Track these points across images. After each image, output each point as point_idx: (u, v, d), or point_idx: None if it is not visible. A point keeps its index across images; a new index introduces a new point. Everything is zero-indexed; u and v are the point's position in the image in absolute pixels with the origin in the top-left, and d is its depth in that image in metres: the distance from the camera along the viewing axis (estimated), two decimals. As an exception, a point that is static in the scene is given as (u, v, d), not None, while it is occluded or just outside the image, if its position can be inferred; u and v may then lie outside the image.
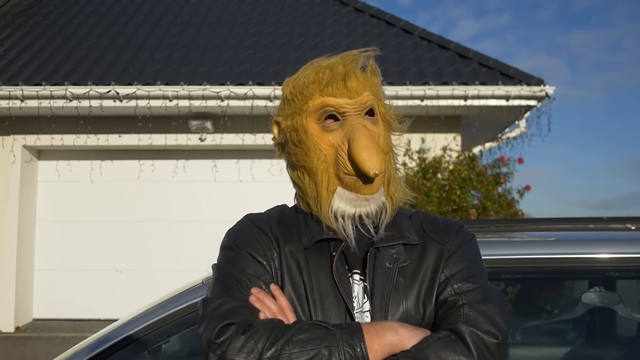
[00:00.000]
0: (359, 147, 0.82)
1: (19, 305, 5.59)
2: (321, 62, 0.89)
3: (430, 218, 0.94)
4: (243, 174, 5.86)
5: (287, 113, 0.90)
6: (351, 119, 0.86)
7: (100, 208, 5.91)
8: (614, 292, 1.73)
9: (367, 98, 0.87)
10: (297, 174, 0.89)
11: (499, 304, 0.82)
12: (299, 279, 0.85)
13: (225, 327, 0.76)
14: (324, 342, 0.74)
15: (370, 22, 6.74)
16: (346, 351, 0.74)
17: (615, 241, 1.41)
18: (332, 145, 0.86)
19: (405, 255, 0.86)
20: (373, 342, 0.75)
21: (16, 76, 5.49)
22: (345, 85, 0.86)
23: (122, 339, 1.33)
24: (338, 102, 0.86)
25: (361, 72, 0.89)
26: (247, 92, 5.21)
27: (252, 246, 0.87)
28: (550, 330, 2.08)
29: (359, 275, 0.86)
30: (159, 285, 4.92)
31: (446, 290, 0.84)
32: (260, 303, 0.81)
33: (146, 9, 7.23)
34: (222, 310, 0.79)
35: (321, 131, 0.86)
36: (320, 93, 0.86)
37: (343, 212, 0.85)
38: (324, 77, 0.86)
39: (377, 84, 0.91)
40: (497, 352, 0.77)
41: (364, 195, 0.85)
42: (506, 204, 4.71)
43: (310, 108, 0.87)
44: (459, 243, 0.89)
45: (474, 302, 0.81)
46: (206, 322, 0.78)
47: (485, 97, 5.22)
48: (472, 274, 0.85)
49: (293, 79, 0.91)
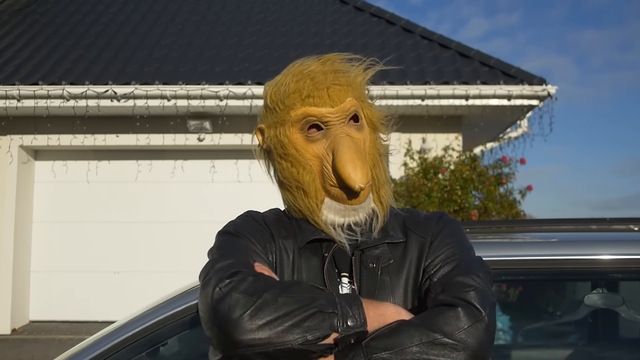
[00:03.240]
0: (344, 160, 0.82)
1: (15, 306, 5.56)
2: (302, 67, 0.88)
3: (412, 214, 0.95)
4: (242, 174, 5.84)
5: (270, 122, 0.90)
6: (335, 128, 0.85)
7: (98, 209, 5.88)
8: (616, 294, 1.71)
9: (350, 104, 0.86)
10: (286, 189, 0.89)
11: (473, 265, 0.82)
12: (290, 277, 0.85)
13: (235, 273, 0.76)
14: (323, 298, 0.75)
15: (370, 21, 6.72)
16: (344, 306, 0.74)
17: (618, 242, 1.40)
18: (317, 156, 0.86)
19: (389, 254, 0.87)
20: (369, 311, 0.76)
21: (13, 75, 5.46)
22: (327, 94, 0.85)
23: (119, 341, 1.31)
24: (320, 112, 0.85)
25: (343, 75, 0.87)
26: (246, 91, 5.19)
27: (253, 235, 0.87)
28: (552, 332, 2.06)
29: (347, 279, 0.86)
30: (157, 287, 4.90)
31: (428, 280, 0.84)
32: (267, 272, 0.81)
33: (144, 7, 7.21)
34: (230, 263, 0.79)
35: (305, 142, 0.86)
36: (302, 103, 0.85)
37: (333, 222, 0.85)
38: (305, 86, 0.85)
39: (360, 86, 0.89)
40: (480, 300, 0.76)
41: (352, 206, 0.85)
42: (508, 205, 4.70)
43: (292, 118, 0.86)
44: (438, 230, 0.89)
45: (451, 274, 0.81)
46: (213, 273, 0.78)
47: (486, 96, 5.20)
48: (452, 254, 0.86)
49: (274, 83, 0.90)
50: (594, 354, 1.88)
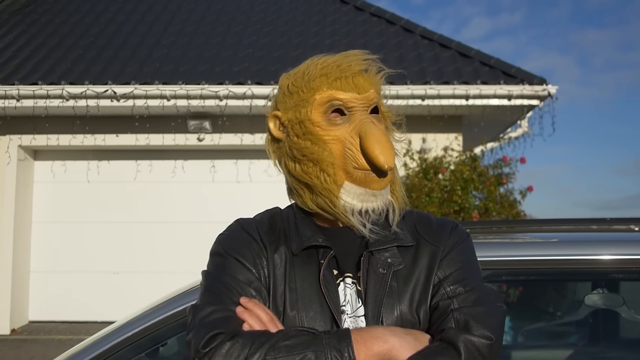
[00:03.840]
0: (373, 139, 0.82)
1: (14, 307, 5.55)
2: (325, 57, 0.89)
3: (423, 218, 0.93)
4: (241, 174, 5.84)
5: (289, 105, 0.88)
6: (359, 114, 0.86)
7: (97, 209, 5.87)
8: (617, 294, 1.71)
9: (373, 95, 0.88)
10: (301, 168, 0.86)
11: (491, 305, 0.81)
12: (284, 288, 0.84)
13: (213, 337, 0.75)
14: (310, 346, 0.73)
15: (370, 21, 6.72)
16: (333, 356, 0.73)
17: (619, 242, 1.40)
18: (339, 139, 0.85)
19: (399, 258, 0.85)
20: (360, 352, 0.74)
21: (12, 75, 5.45)
22: (354, 81, 0.86)
23: (119, 341, 1.31)
24: (347, 96, 0.85)
25: (364, 71, 0.89)
26: (245, 91, 5.19)
27: (242, 253, 0.86)
28: (552, 333, 2.06)
29: (352, 279, 0.85)
30: (157, 287, 4.90)
31: (439, 293, 0.83)
32: (249, 313, 0.79)
33: (144, 7, 7.20)
34: (211, 319, 0.78)
35: (327, 124, 0.85)
36: (329, 86, 0.86)
37: (352, 207, 0.83)
38: (332, 71, 0.86)
39: (379, 83, 0.91)
40: (489, 353, 0.76)
41: (372, 191, 0.84)
42: (508, 205, 4.69)
43: (317, 100, 0.86)
44: (452, 244, 0.88)
45: (465, 305, 0.80)
46: (195, 330, 0.78)
47: (487, 96, 5.20)
48: (465, 275, 0.84)
49: (294, 72, 0.90)
50: (594, 354, 1.88)
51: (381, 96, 0.91)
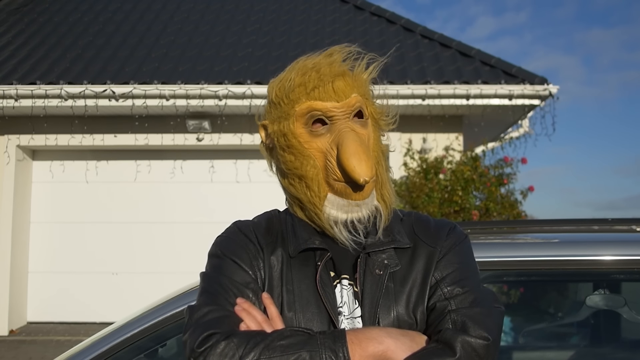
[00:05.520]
0: (348, 153, 0.81)
1: (12, 308, 5.54)
2: (306, 61, 0.87)
3: (421, 219, 0.93)
4: (240, 174, 5.83)
5: (274, 117, 0.89)
6: (339, 123, 0.84)
7: (96, 209, 5.86)
8: (618, 295, 1.70)
9: (355, 100, 0.85)
10: (288, 182, 0.88)
11: (489, 307, 0.81)
12: (281, 290, 0.84)
13: (208, 337, 0.76)
14: (305, 346, 0.74)
15: (370, 20, 6.71)
16: (328, 356, 0.73)
17: (620, 243, 1.40)
18: (321, 150, 0.84)
19: (396, 260, 0.85)
20: (355, 352, 0.74)
21: (10, 75, 5.44)
22: (333, 88, 0.84)
23: (118, 342, 1.30)
24: (325, 106, 0.84)
25: (349, 71, 0.87)
26: (245, 91, 5.18)
27: (239, 255, 0.86)
28: (554, 334, 2.06)
29: (348, 281, 0.85)
30: (156, 288, 4.89)
31: (436, 294, 0.83)
32: (245, 313, 0.80)
33: (142, 6, 7.19)
34: (207, 320, 0.79)
35: (309, 136, 0.85)
36: (307, 97, 0.84)
37: (335, 218, 0.84)
38: (310, 79, 0.84)
39: (365, 83, 0.89)
40: (486, 354, 0.76)
41: (355, 201, 0.83)
42: (509, 205, 4.69)
43: (297, 112, 0.85)
44: (450, 245, 0.88)
45: (462, 306, 0.80)
46: (191, 330, 0.79)
47: (487, 96, 5.18)
48: (462, 276, 0.84)
49: (278, 80, 0.89)
50: (596, 355, 1.87)
51: (369, 95, 0.89)
